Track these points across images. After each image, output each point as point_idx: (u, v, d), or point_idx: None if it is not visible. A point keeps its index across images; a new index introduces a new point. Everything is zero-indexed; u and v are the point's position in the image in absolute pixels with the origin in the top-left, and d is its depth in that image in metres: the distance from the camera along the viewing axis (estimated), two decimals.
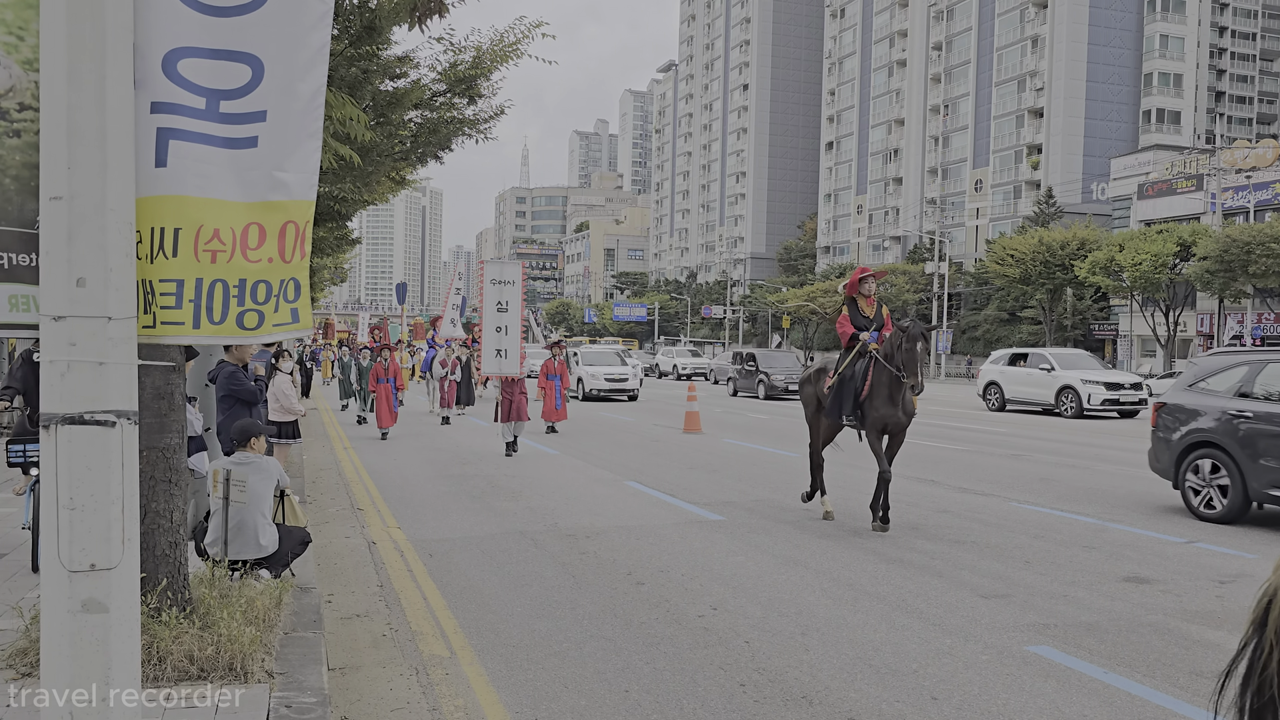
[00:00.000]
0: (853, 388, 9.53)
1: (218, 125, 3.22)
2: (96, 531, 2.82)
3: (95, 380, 2.82)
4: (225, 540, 6.08)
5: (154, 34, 3.08)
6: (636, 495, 11.52)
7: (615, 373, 31.24)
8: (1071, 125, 75.28)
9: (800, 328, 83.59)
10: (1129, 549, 8.59)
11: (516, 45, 9.99)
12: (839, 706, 4.81)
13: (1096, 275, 49.87)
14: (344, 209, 13.55)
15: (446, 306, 29.53)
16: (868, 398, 9.39)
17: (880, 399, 9.31)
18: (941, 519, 9.98)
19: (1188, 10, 76.84)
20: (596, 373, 30.91)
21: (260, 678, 4.52)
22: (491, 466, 14.01)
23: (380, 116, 9.33)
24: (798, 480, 12.74)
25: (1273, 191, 50.90)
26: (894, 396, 9.28)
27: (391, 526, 9.50)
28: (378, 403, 18.32)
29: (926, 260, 71.18)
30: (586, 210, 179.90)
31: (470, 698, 4.94)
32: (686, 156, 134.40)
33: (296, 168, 3.36)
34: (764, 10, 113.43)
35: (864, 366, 9.49)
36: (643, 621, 6.25)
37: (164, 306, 3.20)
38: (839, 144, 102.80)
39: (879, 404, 9.31)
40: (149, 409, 4.81)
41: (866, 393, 9.39)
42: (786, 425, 21.54)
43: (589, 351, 33.71)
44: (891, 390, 9.27)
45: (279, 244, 3.35)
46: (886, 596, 6.91)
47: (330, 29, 3.41)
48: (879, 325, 9.70)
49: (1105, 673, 5.32)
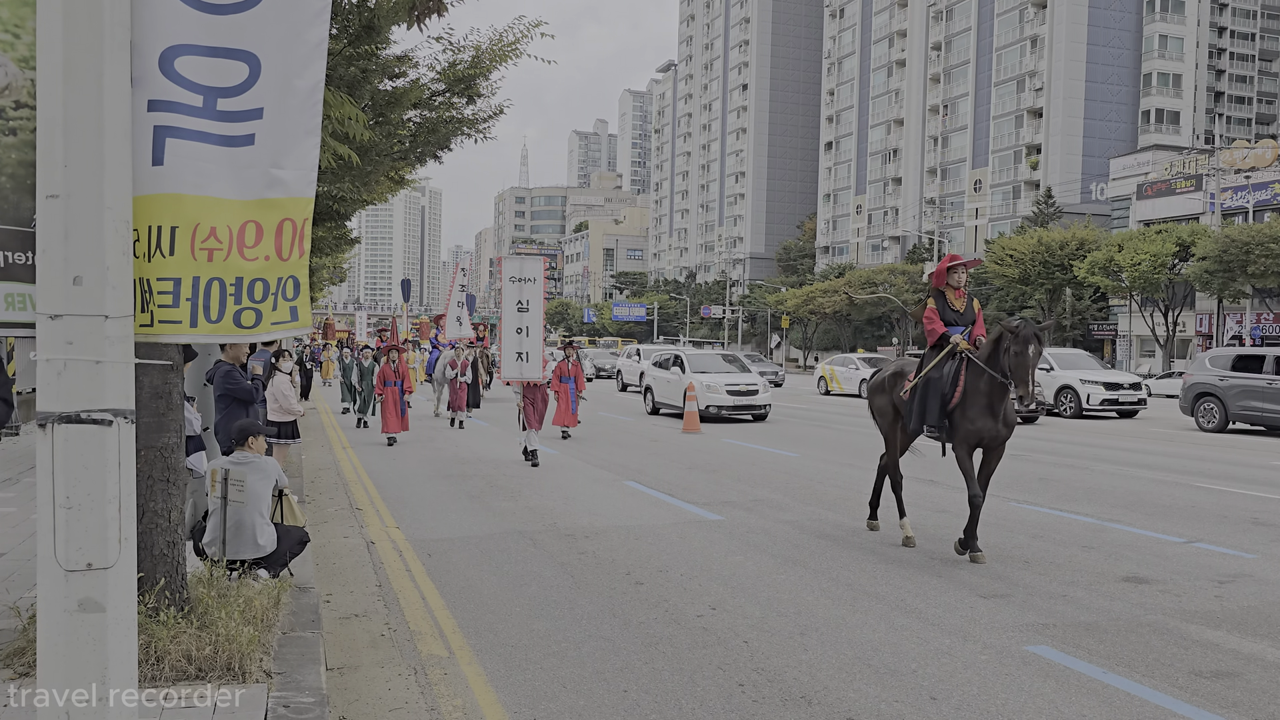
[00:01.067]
0: (940, 393, 8.24)
1: (215, 123, 3.21)
2: (93, 531, 2.81)
3: (92, 379, 2.82)
4: (223, 540, 6.07)
5: (151, 31, 3.07)
6: (635, 495, 11.51)
7: (740, 383, 22.63)
8: (1070, 125, 75.31)
9: (800, 327, 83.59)
10: (1128, 549, 8.59)
11: (515, 45, 9.99)
12: (838, 706, 4.81)
13: (1095, 275, 49.88)
14: (343, 208, 13.55)
15: (450, 305, 27.78)
16: (959, 406, 8.09)
17: (976, 408, 8.01)
18: (940, 519, 9.97)
19: (1187, 10, 76.87)
20: (715, 383, 22.26)
21: (258, 677, 4.51)
22: (490, 466, 14.00)
23: (379, 116, 9.32)
24: (798, 481, 12.74)
25: (1272, 192, 50.93)
26: (993, 406, 7.98)
27: (390, 526, 9.49)
28: (384, 406, 17.04)
29: (926, 260, 71.17)
30: (586, 210, 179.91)
31: (469, 697, 4.93)
32: (686, 156, 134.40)
33: (294, 164, 3.35)
34: (763, 10, 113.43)
35: (954, 369, 8.22)
36: (641, 621, 6.25)
37: (161, 305, 3.19)
38: (838, 144, 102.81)
39: (974, 414, 8.01)
40: (147, 408, 4.80)
41: (958, 400, 8.09)
42: (787, 425, 21.54)
43: (697, 356, 24.88)
44: (991, 398, 7.97)
45: (276, 242, 3.34)
46: (885, 596, 6.91)
47: (328, 25, 3.40)
48: (970, 321, 8.54)
49: (1104, 672, 5.31)
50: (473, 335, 26.78)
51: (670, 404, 23.30)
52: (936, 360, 8.39)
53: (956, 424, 8.13)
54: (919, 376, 8.50)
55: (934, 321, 8.49)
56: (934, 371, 8.36)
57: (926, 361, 8.56)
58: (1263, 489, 12.25)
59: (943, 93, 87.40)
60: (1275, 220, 45.49)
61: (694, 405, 20.63)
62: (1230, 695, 5.00)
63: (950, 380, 8.21)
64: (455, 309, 27.14)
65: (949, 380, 8.22)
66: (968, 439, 8.08)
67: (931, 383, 8.33)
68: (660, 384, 24.05)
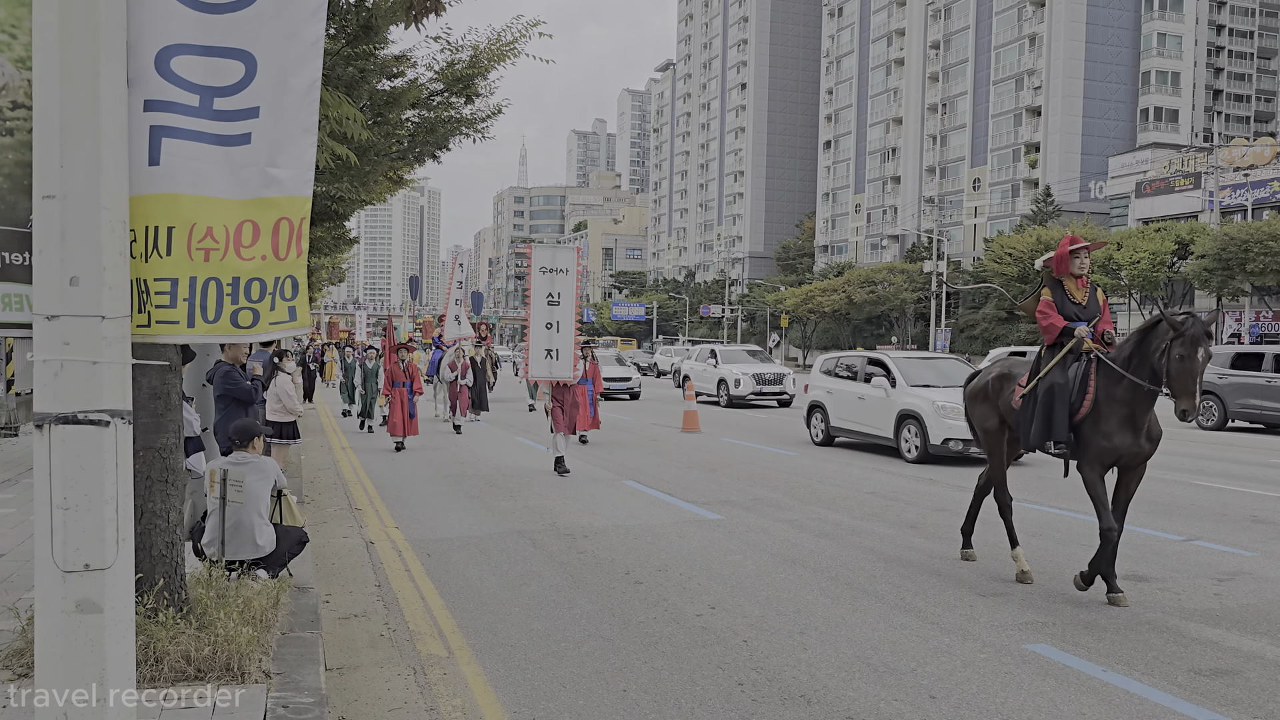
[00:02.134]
0: (1065, 402, 6.89)
1: (211, 122, 3.20)
2: (90, 531, 2.81)
3: (89, 380, 2.81)
4: (222, 540, 6.06)
5: (147, 31, 3.07)
6: (635, 494, 11.51)
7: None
8: (1069, 124, 75.33)
9: (799, 326, 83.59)
10: (1127, 547, 8.58)
11: (514, 45, 9.98)
12: (837, 705, 4.80)
13: (1094, 274, 49.88)
14: (341, 208, 13.54)
15: (449, 304, 26.10)
16: (1089, 417, 6.80)
17: (1113, 420, 6.72)
18: (940, 518, 9.97)
19: (1185, 9, 76.90)
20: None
21: (257, 678, 4.51)
22: (489, 467, 13.99)
23: (377, 116, 9.32)
24: (797, 480, 12.74)
25: (1270, 190, 50.95)
26: (1136, 417, 6.70)
27: (389, 526, 9.49)
28: (391, 409, 16.08)
29: (925, 259, 71.16)
30: (584, 210, 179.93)
31: (468, 697, 4.93)
32: (684, 156, 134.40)
33: (291, 163, 3.34)
34: (762, 10, 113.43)
35: (1081, 372, 6.93)
36: (641, 621, 6.24)
37: (159, 305, 3.19)
38: (837, 143, 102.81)
39: (1111, 427, 6.72)
40: (145, 409, 4.79)
41: (1087, 410, 6.80)
42: (786, 425, 21.54)
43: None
44: (1134, 408, 6.69)
45: (273, 241, 3.33)
46: (885, 595, 6.91)
47: (324, 23, 3.40)
48: (1093, 316, 7.21)
49: (1103, 671, 5.31)
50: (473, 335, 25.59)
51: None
52: (1057, 361, 7.04)
53: (1086, 439, 6.82)
54: (1036, 381, 7.14)
55: (1051, 316, 7.19)
56: (1056, 376, 6.99)
57: (1044, 363, 7.20)
58: (1262, 487, 12.25)
59: (941, 91, 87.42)
60: (1274, 218, 45.49)
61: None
62: (1230, 693, 5.00)
63: (1078, 386, 6.90)
64: (454, 308, 25.69)
65: (1077, 386, 6.90)
66: (1101, 457, 6.78)
67: (1055, 389, 6.93)
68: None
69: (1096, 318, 7.19)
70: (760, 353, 31.14)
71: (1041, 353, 7.32)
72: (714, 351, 29.33)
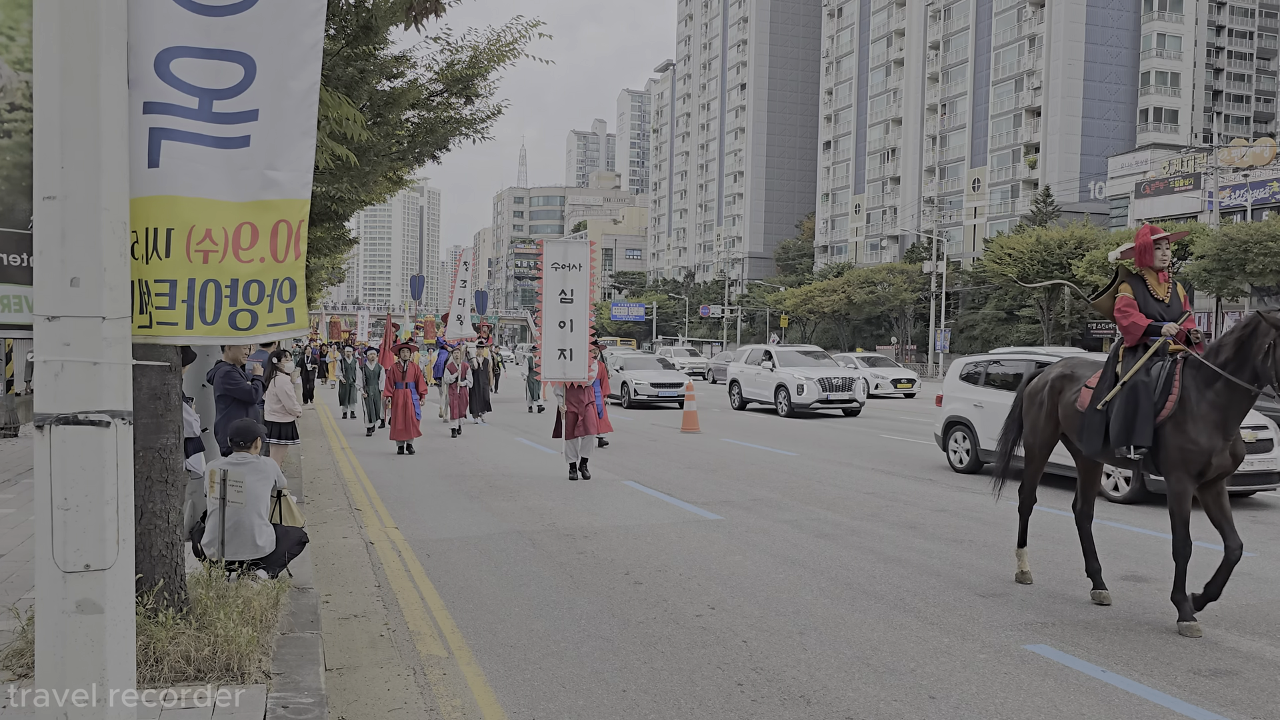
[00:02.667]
0: (1150, 401, 6.29)
1: (210, 125, 3.21)
2: (91, 532, 2.81)
3: (89, 380, 2.82)
4: (222, 541, 6.07)
5: (147, 34, 3.08)
6: (634, 495, 11.51)
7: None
8: (1069, 124, 75.34)
9: (799, 327, 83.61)
10: (1127, 547, 8.59)
11: (513, 45, 9.98)
12: (837, 706, 4.81)
13: (1094, 274, 49.89)
14: (341, 209, 13.54)
15: (452, 303, 25.27)
16: (1172, 418, 6.19)
17: (1202, 424, 6.10)
18: (939, 518, 9.97)
19: (1185, 9, 76.92)
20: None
21: (257, 678, 4.52)
22: (489, 466, 13.99)
23: (377, 116, 9.32)
24: (796, 480, 12.74)
25: (1270, 190, 50.97)
26: (1228, 423, 6.11)
27: (389, 526, 9.49)
28: (394, 411, 15.63)
29: (924, 259, 71.18)
30: (584, 210, 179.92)
31: (468, 698, 4.93)
32: (684, 156, 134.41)
33: (289, 166, 3.35)
34: (761, 10, 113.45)
35: (1166, 372, 6.32)
36: (640, 621, 6.25)
37: (159, 307, 3.20)
38: (836, 143, 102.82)
39: (1198, 431, 6.10)
40: (145, 409, 4.80)
41: (1170, 410, 6.19)
42: (785, 425, 21.54)
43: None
44: (1228, 413, 6.10)
45: (271, 243, 3.34)
46: (884, 595, 6.91)
47: (323, 27, 3.41)
48: (1177, 315, 6.60)
49: (1103, 671, 5.32)
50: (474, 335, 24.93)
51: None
52: (1141, 363, 6.42)
53: (1167, 442, 6.20)
54: (1119, 384, 6.48)
55: (1133, 314, 6.54)
56: (1141, 375, 6.38)
57: (1125, 364, 6.57)
58: None
59: (941, 92, 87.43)
60: (1273, 219, 45.51)
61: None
62: (1229, 694, 5.01)
63: (1163, 387, 6.29)
64: (457, 307, 24.88)
65: (1161, 387, 6.30)
66: (1189, 462, 6.10)
67: (1139, 387, 6.33)
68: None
69: (1182, 316, 6.57)
70: (819, 353, 27.65)
71: (1119, 354, 6.65)
72: (769, 353, 25.88)
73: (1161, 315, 6.56)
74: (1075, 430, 6.90)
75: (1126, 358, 6.59)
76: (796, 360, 25.28)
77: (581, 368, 12.51)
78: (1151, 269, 6.66)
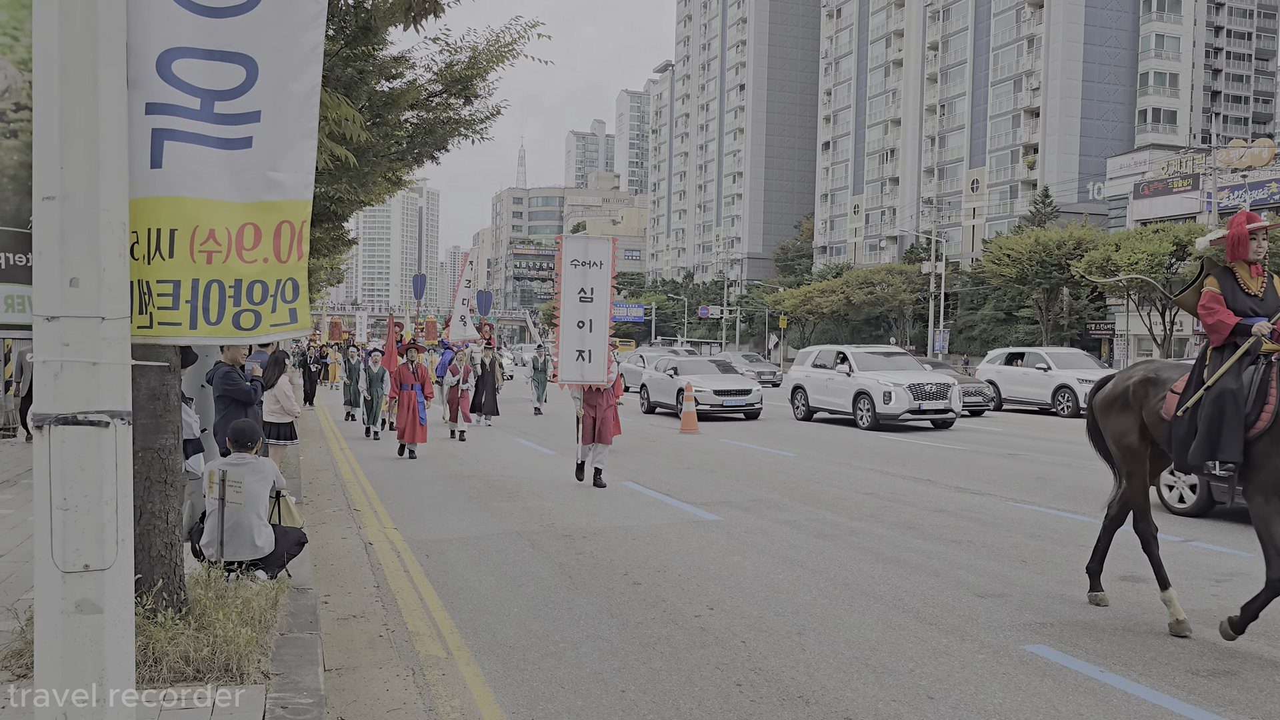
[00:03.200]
0: (1239, 412, 5.62)
1: (212, 126, 3.22)
2: (90, 532, 2.81)
3: (89, 381, 2.82)
4: (221, 541, 6.07)
5: (148, 35, 3.08)
6: (633, 495, 11.51)
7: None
8: (1068, 125, 75.39)
9: (798, 327, 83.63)
10: (1125, 548, 8.59)
11: (512, 46, 9.98)
12: (835, 706, 4.81)
13: (1093, 274, 49.92)
14: (340, 210, 13.54)
15: (456, 303, 24.78)
16: (1269, 434, 5.52)
17: None
18: (938, 518, 9.98)
19: (1183, 10, 76.99)
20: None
21: (256, 679, 4.52)
22: (488, 468, 13.99)
23: (376, 117, 9.32)
24: (796, 481, 12.75)
25: (1268, 191, 51.01)
26: None
27: (388, 527, 9.49)
28: (400, 413, 15.21)
29: (923, 260, 71.24)
30: (583, 211, 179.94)
31: (466, 698, 4.94)
32: (683, 157, 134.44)
33: (291, 167, 3.36)
34: (760, 11, 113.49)
35: (1260, 378, 5.64)
36: (639, 621, 6.25)
37: (161, 307, 3.20)
38: (835, 144, 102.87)
39: None
40: (144, 410, 4.80)
41: (1266, 423, 5.52)
42: (784, 425, 21.53)
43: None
44: None
45: (274, 244, 3.35)
46: (883, 596, 6.91)
47: (324, 28, 3.41)
48: (1273, 311, 5.84)
49: (1102, 671, 5.32)
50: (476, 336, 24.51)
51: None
52: (1229, 365, 5.77)
53: (1262, 460, 5.55)
54: (1204, 389, 5.85)
55: (1219, 311, 5.85)
56: (1229, 381, 5.71)
57: (1212, 367, 5.92)
58: None
59: (940, 92, 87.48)
60: (1272, 219, 45.56)
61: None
62: (1227, 694, 5.01)
63: (1258, 395, 5.61)
64: (460, 307, 24.45)
65: (1255, 394, 5.61)
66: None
67: (1226, 396, 5.66)
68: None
69: (1278, 313, 5.82)
70: (899, 353, 23.75)
71: (1206, 355, 6.00)
72: (844, 355, 22.16)
73: (1254, 311, 5.85)
74: (1164, 440, 6.24)
75: (1214, 359, 5.94)
76: (876, 363, 21.73)
77: (600, 370, 12.13)
78: (1243, 261, 5.99)
